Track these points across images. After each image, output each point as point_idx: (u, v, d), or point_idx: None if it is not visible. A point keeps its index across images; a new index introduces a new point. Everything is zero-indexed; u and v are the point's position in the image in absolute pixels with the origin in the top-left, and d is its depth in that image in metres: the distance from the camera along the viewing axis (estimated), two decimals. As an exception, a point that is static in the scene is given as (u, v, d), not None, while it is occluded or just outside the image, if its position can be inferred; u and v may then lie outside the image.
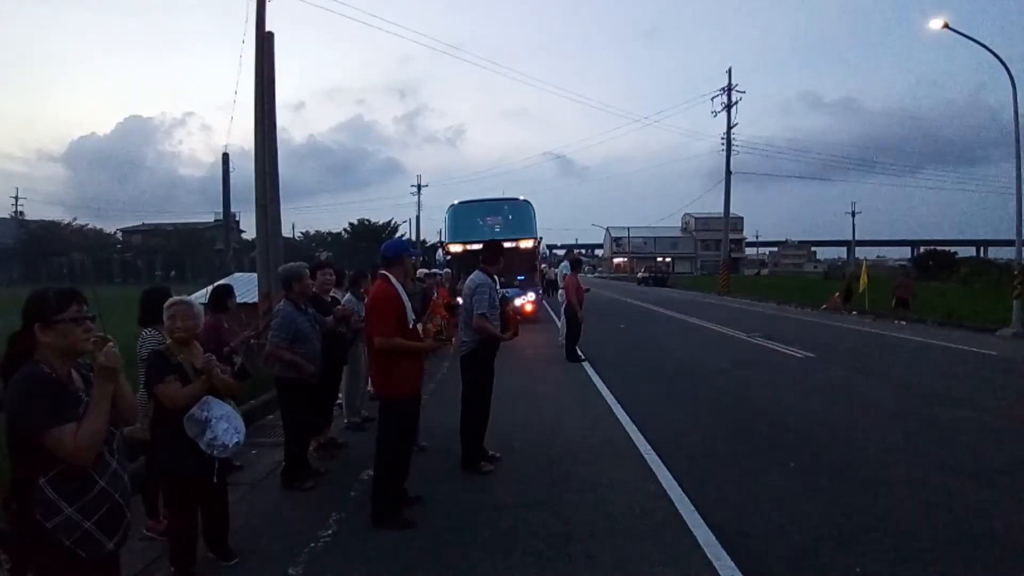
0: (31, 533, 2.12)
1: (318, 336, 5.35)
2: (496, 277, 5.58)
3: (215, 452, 3.50)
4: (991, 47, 16.62)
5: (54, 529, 2.12)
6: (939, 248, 61.61)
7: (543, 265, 23.55)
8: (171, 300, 3.76)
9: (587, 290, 12.20)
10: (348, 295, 6.85)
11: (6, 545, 2.16)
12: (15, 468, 2.15)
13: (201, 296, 5.92)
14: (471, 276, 5.62)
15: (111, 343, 2.26)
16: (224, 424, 3.51)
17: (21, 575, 2.18)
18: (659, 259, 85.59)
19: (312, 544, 4.06)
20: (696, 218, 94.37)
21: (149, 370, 3.55)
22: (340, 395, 7.12)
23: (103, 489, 2.22)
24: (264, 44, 9.69)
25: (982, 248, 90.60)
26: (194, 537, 3.72)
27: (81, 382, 2.27)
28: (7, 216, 64.92)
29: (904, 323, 18.12)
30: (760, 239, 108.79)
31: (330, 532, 4.25)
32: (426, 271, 11.80)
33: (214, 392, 3.55)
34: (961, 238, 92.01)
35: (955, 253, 58.54)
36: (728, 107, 37.21)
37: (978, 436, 6.31)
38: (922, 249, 68.79)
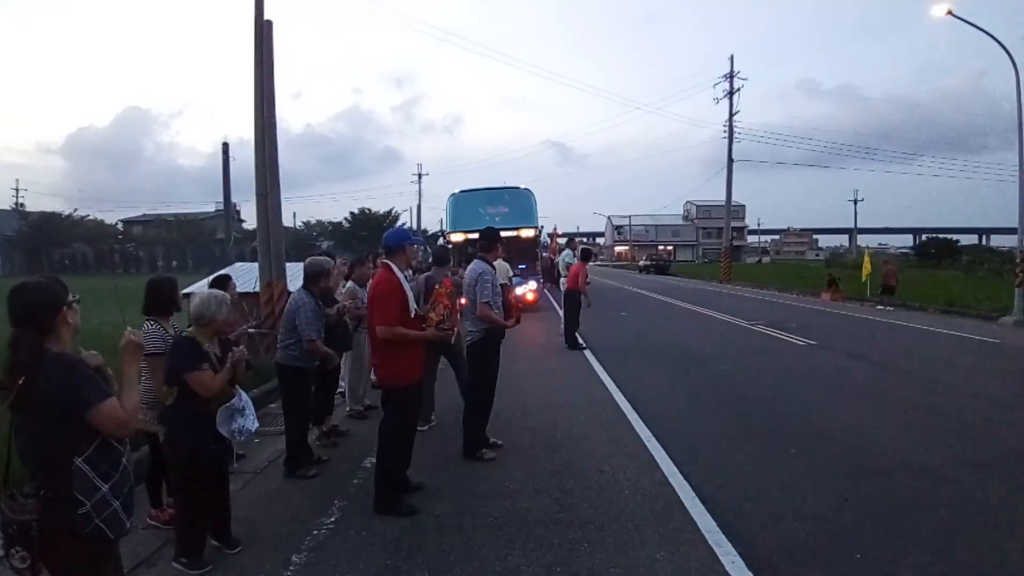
0: (63, 519, 2.18)
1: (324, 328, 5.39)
2: (494, 265, 5.57)
3: (239, 438, 3.69)
4: (994, 34, 16.50)
5: (90, 509, 2.21)
6: (941, 236, 61.41)
7: (545, 254, 23.48)
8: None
9: (588, 282, 12.19)
10: (350, 282, 6.84)
11: (27, 537, 2.14)
12: (48, 453, 2.19)
13: (204, 286, 5.94)
14: (471, 266, 5.61)
15: (129, 328, 2.41)
16: (247, 411, 3.68)
17: (38, 571, 2.19)
18: (661, 247, 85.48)
19: (315, 531, 4.09)
20: (698, 206, 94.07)
21: (181, 358, 3.57)
22: (343, 383, 7.14)
23: (126, 468, 2.35)
24: (263, 32, 9.64)
25: (984, 236, 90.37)
26: (205, 525, 3.75)
27: None
28: (8, 208, 64.87)
29: (891, 308, 18.80)
30: (762, 227, 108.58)
31: (333, 519, 4.28)
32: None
33: (234, 381, 3.66)
34: (963, 226, 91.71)
35: (957, 241, 58.43)
36: (730, 94, 37.03)
37: (980, 424, 6.32)
38: (924, 237, 68.58)
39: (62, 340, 2.28)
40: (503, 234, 6.30)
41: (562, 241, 21.76)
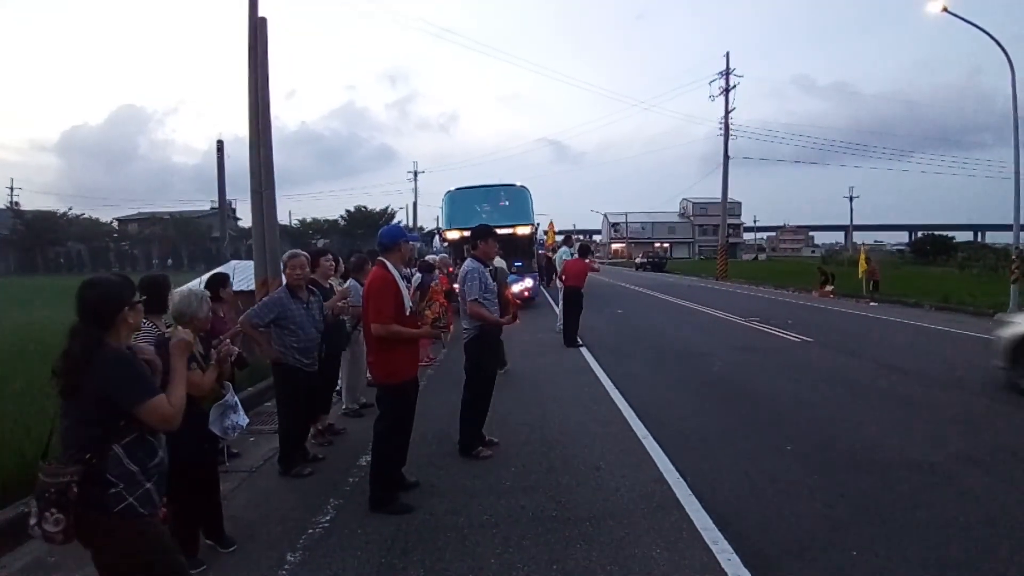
0: (95, 498, 2.25)
1: (316, 325, 5.31)
2: (488, 263, 5.54)
3: (232, 434, 3.70)
4: (989, 31, 16.50)
5: (121, 489, 2.29)
6: (936, 232, 61.44)
7: (541, 251, 23.46)
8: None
9: (597, 269, 12.63)
10: (351, 281, 6.83)
11: (64, 499, 2.19)
12: (89, 437, 2.26)
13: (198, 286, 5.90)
14: (463, 264, 5.61)
15: (179, 327, 2.70)
16: (238, 407, 3.72)
17: (71, 536, 2.24)
18: (657, 244, 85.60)
19: (310, 530, 4.08)
20: (694, 203, 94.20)
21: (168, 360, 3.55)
22: (340, 381, 7.12)
23: (161, 458, 2.47)
24: (257, 30, 9.59)
25: (980, 232, 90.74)
26: (199, 524, 3.74)
27: None
28: (2, 206, 64.62)
29: (876, 304, 19.30)
30: (758, 224, 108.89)
31: (328, 518, 4.27)
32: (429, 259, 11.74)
33: (220, 377, 3.64)
34: (959, 222, 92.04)
35: (952, 237, 58.47)
36: (726, 91, 37.03)
37: (975, 419, 6.34)
38: (920, 233, 68.64)
39: (120, 337, 2.40)
40: (499, 231, 6.28)
41: (559, 238, 21.74)
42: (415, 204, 55.96)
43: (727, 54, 37.08)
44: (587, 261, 12.24)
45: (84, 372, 2.23)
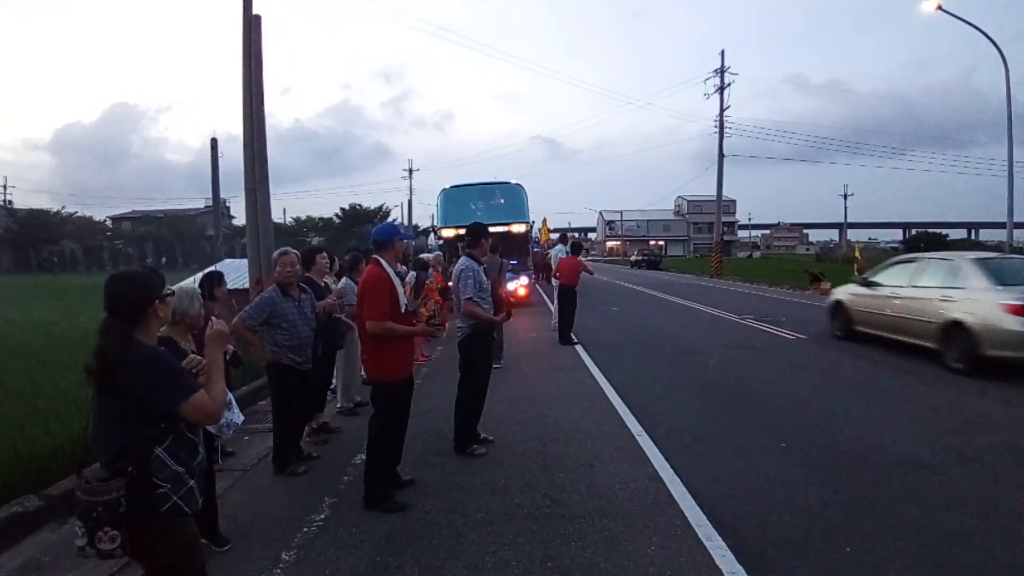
0: (142, 500, 2.21)
1: (308, 323, 5.30)
2: (481, 261, 5.55)
3: (228, 432, 3.71)
4: (983, 29, 16.57)
5: (168, 489, 2.27)
6: (930, 230, 61.67)
7: (536, 248, 23.47)
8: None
9: (591, 272, 13.56)
10: (345, 279, 6.82)
11: (115, 514, 2.16)
12: (130, 442, 2.23)
13: (190, 283, 5.88)
14: (457, 263, 5.63)
15: (214, 318, 2.64)
16: (232, 404, 3.69)
17: (128, 550, 2.22)
18: (652, 242, 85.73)
19: (305, 528, 4.08)
20: (689, 201, 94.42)
21: None
22: (335, 380, 7.11)
23: (202, 455, 2.48)
24: (252, 27, 9.56)
25: (973, 230, 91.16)
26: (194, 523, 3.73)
27: None
28: (-5, 206, 64.34)
29: None
30: (753, 222, 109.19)
31: (323, 516, 4.27)
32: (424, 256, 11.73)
33: None
34: (952, 220, 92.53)
35: (946, 235, 58.72)
36: (720, 89, 37.00)
37: (970, 417, 6.36)
38: (914, 231, 68.90)
39: (151, 332, 2.37)
40: (494, 229, 6.29)
41: (554, 236, 21.75)
42: (410, 202, 55.92)
43: (722, 52, 37.00)
44: (579, 259, 12.27)
45: (120, 370, 2.17)
